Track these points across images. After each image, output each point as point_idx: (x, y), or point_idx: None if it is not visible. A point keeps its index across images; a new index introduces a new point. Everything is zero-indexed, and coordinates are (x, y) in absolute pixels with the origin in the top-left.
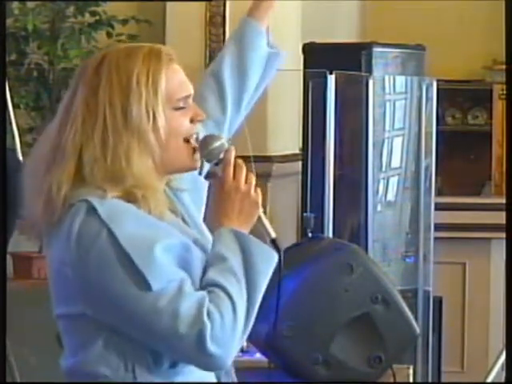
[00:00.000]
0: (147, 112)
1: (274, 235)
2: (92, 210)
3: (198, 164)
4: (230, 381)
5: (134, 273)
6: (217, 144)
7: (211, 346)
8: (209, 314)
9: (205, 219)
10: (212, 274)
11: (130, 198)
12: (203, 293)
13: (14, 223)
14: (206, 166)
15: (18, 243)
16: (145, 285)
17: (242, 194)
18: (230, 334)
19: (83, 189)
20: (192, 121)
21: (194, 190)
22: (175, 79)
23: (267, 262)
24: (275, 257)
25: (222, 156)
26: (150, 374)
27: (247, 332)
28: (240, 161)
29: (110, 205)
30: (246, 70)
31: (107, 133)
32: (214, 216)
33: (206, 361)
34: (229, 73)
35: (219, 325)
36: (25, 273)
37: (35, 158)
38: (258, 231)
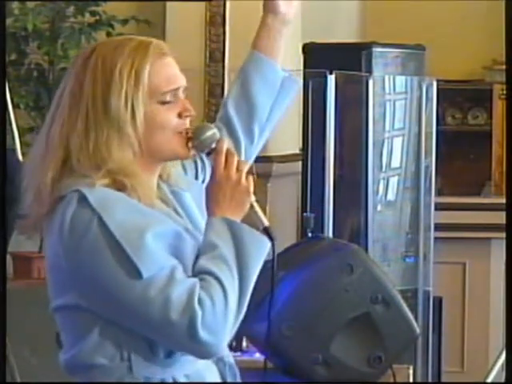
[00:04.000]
0: (126, 104)
1: (266, 223)
2: (83, 199)
3: (191, 153)
4: (233, 374)
5: (125, 261)
6: (209, 133)
7: (202, 334)
8: (200, 301)
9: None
10: (203, 262)
11: (118, 186)
12: (194, 280)
13: (13, 223)
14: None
15: (18, 243)
16: (135, 273)
17: (233, 182)
18: (222, 321)
19: (72, 177)
20: (180, 116)
21: (195, 194)
22: (162, 73)
23: (259, 250)
24: (267, 244)
25: (213, 146)
26: (146, 364)
27: (239, 320)
28: (232, 149)
29: (101, 193)
30: (252, 99)
31: (89, 123)
32: (207, 205)
33: (197, 348)
34: (234, 105)
35: (210, 312)
36: (25, 273)
37: (33, 153)
38: (252, 221)
